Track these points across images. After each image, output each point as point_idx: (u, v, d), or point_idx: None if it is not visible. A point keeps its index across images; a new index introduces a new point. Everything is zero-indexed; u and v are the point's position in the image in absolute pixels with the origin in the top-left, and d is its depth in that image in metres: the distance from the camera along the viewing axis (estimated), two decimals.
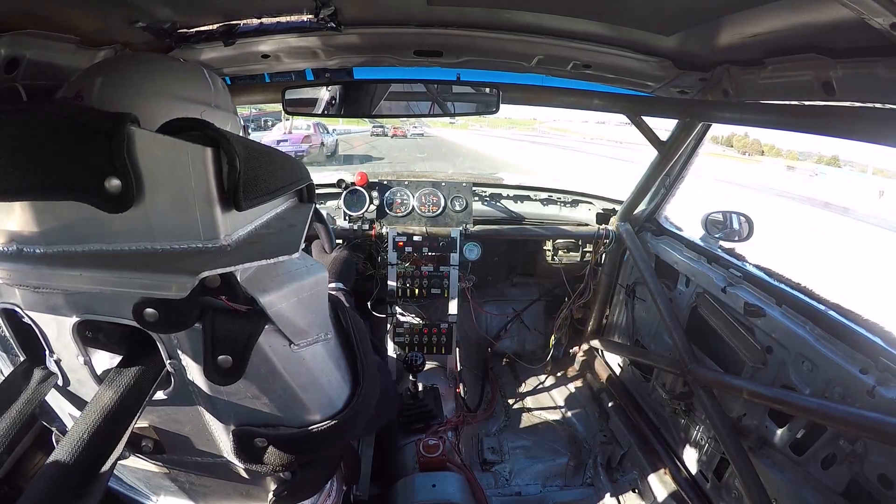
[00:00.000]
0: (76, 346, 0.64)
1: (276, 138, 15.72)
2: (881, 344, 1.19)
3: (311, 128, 16.64)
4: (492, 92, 1.69)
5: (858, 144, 1.06)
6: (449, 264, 2.41)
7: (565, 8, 1.14)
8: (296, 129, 16.27)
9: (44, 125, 0.48)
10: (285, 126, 16.10)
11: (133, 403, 0.61)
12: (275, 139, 15.67)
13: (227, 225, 0.54)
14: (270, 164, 0.61)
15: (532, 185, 2.81)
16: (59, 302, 0.60)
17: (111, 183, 0.48)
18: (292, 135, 16.03)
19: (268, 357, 0.64)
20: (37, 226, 0.54)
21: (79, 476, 0.55)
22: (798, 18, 0.89)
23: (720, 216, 1.99)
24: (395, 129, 28.73)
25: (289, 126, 16.12)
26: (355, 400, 0.79)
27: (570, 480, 2.16)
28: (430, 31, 1.33)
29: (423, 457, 1.68)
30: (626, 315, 2.55)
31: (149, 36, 1.18)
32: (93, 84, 0.69)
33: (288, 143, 15.55)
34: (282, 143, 15.51)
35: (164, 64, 0.80)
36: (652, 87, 1.61)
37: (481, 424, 2.45)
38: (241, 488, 0.88)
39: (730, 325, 1.68)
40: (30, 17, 0.87)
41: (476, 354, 2.95)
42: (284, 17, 1.20)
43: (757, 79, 1.21)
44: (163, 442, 0.77)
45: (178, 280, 0.48)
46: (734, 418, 1.64)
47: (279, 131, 16.28)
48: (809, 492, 1.34)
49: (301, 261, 0.65)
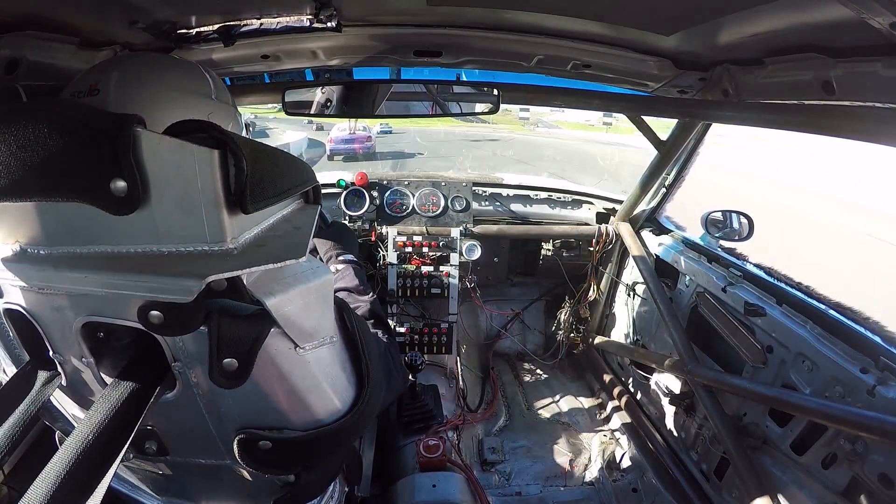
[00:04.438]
0: (80, 348, 0.64)
1: (342, 136, 15.92)
2: (881, 343, 1.19)
3: (366, 129, 16.73)
4: (492, 92, 1.69)
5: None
6: (449, 264, 2.41)
7: (565, 8, 1.14)
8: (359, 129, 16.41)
9: (49, 126, 0.48)
10: (349, 126, 15.97)
11: (138, 405, 0.61)
12: (341, 137, 15.90)
13: (234, 228, 0.54)
14: (277, 167, 0.61)
15: (532, 184, 2.82)
16: (64, 303, 0.60)
17: (117, 185, 0.48)
18: (356, 134, 16.23)
19: (273, 360, 0.64)
20: (42, 227, 0.53)
21: (82, 477, 0.55)
22: (798, 18, 0.89)
23: (720, 215, 1.99)
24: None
25: (353, 126, 16.03)
26: (360, 403, 0.79)
27: (570, 480, 2.16)
28: (429, 31, 1.33)
29: (423, 457, 1.68)
30: (627, 315, 2.55)
31: (149, 36, 1.17)
32: (109, 77, 0.69)
33: (356, 143, 15.92)
34: (348, 142, 15.88)
35: (169, 60, 0.84)
36: (652, 87, 1.61)
37: (482, 424, 2.45)
38: (244, 490, 0.88)
39: (730, 324, 1.68)
40: (30, 17, 0.87)
41: (476, 354, 2.95)
42: (284, 18, 1.20)
43: (757, 78, 1.21)
44: (166, 443, 0.77)
45: (185, 283, 0.48)
46: (734, 418, 1.64)
47: (340, 130, 16.31)
48: (810, 491, 1.35)
49: (307, 263, 0.65)
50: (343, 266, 1.22)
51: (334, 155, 15.56)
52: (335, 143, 15.88)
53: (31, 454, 1.20)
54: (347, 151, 16.01)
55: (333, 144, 15.85)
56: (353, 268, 1.21)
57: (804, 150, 16.68)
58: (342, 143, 15.94)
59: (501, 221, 2.68)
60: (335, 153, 15.63)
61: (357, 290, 1.15)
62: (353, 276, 1.19)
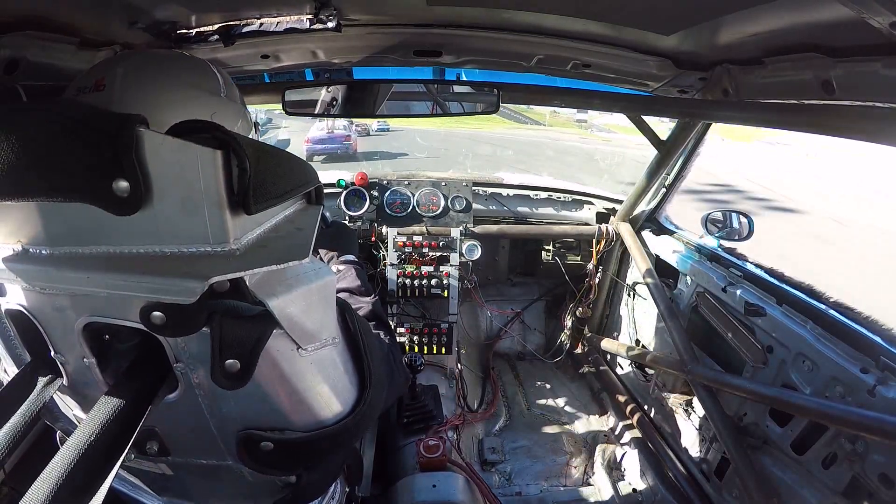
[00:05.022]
0: (82, 348, 0.64)
1: (320, 136, 15.67)
2: (882, 343, 1.20)
3: (346, 128, 16.49)
4: (492, 92, 1.69)
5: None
6: (449, 264, 2.41)
7: (565, 8, 1.14)
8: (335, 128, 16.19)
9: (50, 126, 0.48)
10: (326, 125, 15.85)
11: (139, 406, 0.60)
12: (318, 137, 15.65)
13: (237, 228, 0.54)
14: (280, 167, 0.61)
15: (532, 184, 2.82)
16: (65, 303, 0.60)
17: (119, 185, 0.48)
18: (334, 133, 15.99)
19: (275, 361, 0.64)
20: (44, 227, 0.53)
21: (84, 477, 0.55)
22: (798, 18, 0.89)
23: (720, 215, 2.00)
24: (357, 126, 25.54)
25: (331, 126, 15.90)
26: (362, 404, 0.79)
27: (570, 480, 2.16)
28: (429, 31, 1.33)
29: (423, 457, 1.68)
30: (627, 315, 2.55)
31: (149, 36, 1.17)
32: (115, 73, 0.69)
33: (332, 142, 15.63)
34: (325, 142, 15.61)
35: (178, 56, 0.82)
36: (652, 87, 1.62)
37: (482, 424, 2.45)
38: (245, 491, 0.88)
39: (730, 324, 1.68)
40: (30, 17, 0.86)
41: (477, 354, 2.96)
42: (284, 18, 1.20)
43: (757, 78, 1.22)
44: (168, 444, 0.77)
45: (188, 284, 0.48)
46: (735, 418, 1.64)
47: (318, 129, 16.07)
48: (810, 491, 1.35)
49: (310, 264, 0.65)
50: (344, 267, 1.21)
51: (313, 155, 15.33)
52: (312, 143, 15.53)
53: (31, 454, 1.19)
54: (325, 151, 15.74)
55: (311, 144, 15.53)
56: (354, 268, 1.21)
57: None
58: (319, 144, 15.68)
59: (502, 221, 2.68)
60: (313, 153, 15.37)
61: (358, 290, 1.15)
62: (355, 276, 1.18)
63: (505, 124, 25.66)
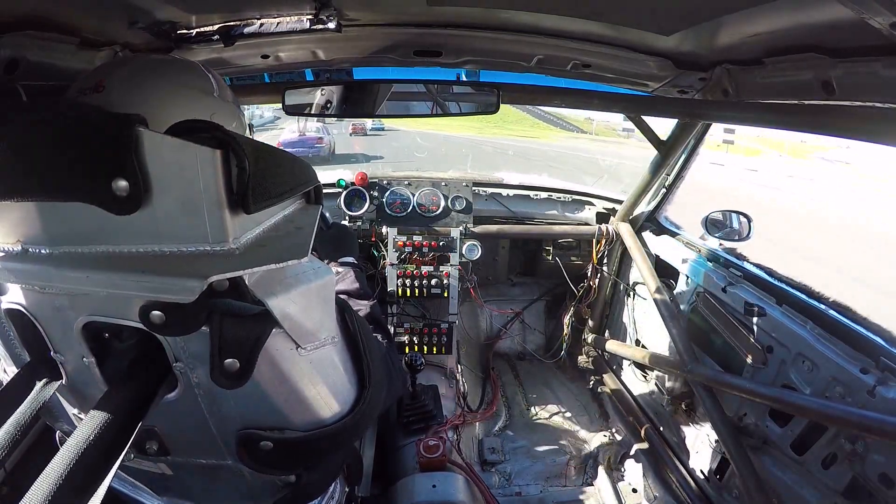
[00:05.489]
0: (81, 348, 0.64)
1: (290, 139, 15.53)
2: (881, 343, 1.20)
3: (319, 130, 16.42)
4: (492, 92, 1.69)
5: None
6: (449, 264, 2.41)
7: (565, 8, 1.14)
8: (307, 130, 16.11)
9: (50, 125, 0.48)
10: (298, 127, 15.85)
11: (139, 405, 0.61)
12: (289, 140, 15.51)
13: (236, 228, 0.54)
14: (279, 166, 0.61)
15: (532, 184, 2.82)
16: (65, 303, 0.60)
17: (118, 184, 0.48)
18: (305, 136, 15.91)
19: (274, 361, 0.64)
20: (43, 226, 0.53)
21: (84, 477, 0.55)
22: (798, 18, 0.89)
23: (720, 216, 1.99)
24: (354, 126, 23.09)
25: (303, 127, 15.88)
26: (361, 403, 0.79)
27: (570, 480, 2.16)
28: (429, 32, 1.33)
29: (423, 457, 1.68)
30: (627, 315, 2.55)
31: (149, 36, 1.17)
32: (115, 75, 0.70)
33: (302, 145, 15.41)
34: (296, 145, 15.32)
35: (174, 60, 0.87)
36: (651, 87, 1.61)
37: (482, 424, 2.45)
38: (245, 490, 0.88)
39: (730, 324, 1.68)
40: (30, 17, 0.86)
41: (477, 354, 2.95)
42: (284, 18, 1.20)
43: (757, 78, 1.21)
44: (167, 444, 0.77)
45: (187, 284, 0.48)
46: (735, 418, 1.64)
47: (291, 132, 16.04)
48: (810, 491, 1.35)
49: (309, 263, 0.65)
50: (343, 269, 1.22)
51: None
52: (283, 145, 15.48)
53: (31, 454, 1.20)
54: (298, 154, 15.69)
55: (282, 147, 15.48)
56: (353, 271, 1.21)
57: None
58: (290, 147, 15.48)
59: (502, 221, 2.68)
60: None
61: (357, 293, 1.15)
62: (354, 279, 1.18)
63: (539, 127, 23.87)
